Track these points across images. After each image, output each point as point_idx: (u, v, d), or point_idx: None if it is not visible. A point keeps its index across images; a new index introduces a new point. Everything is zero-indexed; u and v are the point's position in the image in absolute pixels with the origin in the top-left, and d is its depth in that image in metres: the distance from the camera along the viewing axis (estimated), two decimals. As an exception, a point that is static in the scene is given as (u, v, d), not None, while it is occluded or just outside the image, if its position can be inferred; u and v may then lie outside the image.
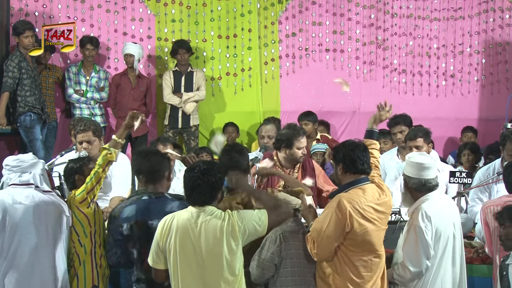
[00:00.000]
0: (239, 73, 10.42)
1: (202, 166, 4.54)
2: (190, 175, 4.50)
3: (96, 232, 5.36)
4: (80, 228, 5.29)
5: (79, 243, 5.28)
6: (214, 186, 4.50)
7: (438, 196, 5.26)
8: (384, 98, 9.85)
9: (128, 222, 4.87)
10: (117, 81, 9.79)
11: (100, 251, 5.38)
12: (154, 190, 4.99)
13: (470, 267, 5.61)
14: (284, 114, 10.28)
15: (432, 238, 5.04)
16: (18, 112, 8.74)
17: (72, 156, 6.36)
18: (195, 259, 4.39)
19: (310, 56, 10.44)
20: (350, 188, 4.92)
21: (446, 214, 5.17)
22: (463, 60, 10.37)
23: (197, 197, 4.48)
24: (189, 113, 9.74)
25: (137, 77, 9.83)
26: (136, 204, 4.95)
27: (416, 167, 5.24)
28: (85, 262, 5.30)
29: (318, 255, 4.87)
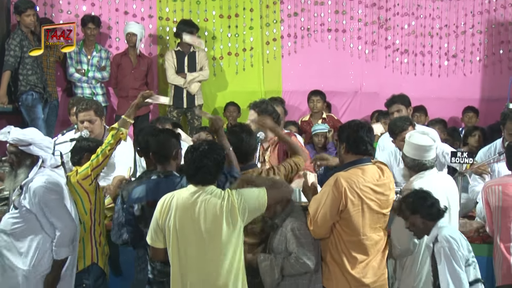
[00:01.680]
0: (240, 52, 10.39)
1: (206, 146, 4.53)
2: (195, 155, 4.48)
3: (96, 210, 5.38)
4: (80, 205, 5.31)
5: (78, 219, 5.29)
6: (219, 165, 4.50)
7: (434, 175, 5.28)
8: (386, 78, 10.06)
9: (139, 202, 4.86)
10: (118, 61, 9.79)
11: (100, 229, 5.42)
12: (163, 169, 4.97)
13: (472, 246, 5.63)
14: (285, 94, 10.25)
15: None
16: (20, 91, 8.74)
17: (73, 135, 6.38)
18: (194, 237, 4.39)
19: (312, 36, 10.40)
20: (350, 167, 4.94)
21: (440, 192, 5.14)
22: (465, 40, 10.31)
23: (202, 177, 4.47)
24: (194, 93, 9.73)
25: (138, 57, 9.81)
26: (145, 184, 4.94)
27: (413, 147, 5.26)
28: (84, 239, 5.33)
29: (315, 232, 4.90)
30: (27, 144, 5.09)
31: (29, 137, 5.12)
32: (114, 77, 9.82)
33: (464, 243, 4.80)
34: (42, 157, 5.15)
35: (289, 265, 4.82)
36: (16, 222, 5.10)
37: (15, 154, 5.13)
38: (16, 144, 5.10)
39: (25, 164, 5.12)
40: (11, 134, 5.09)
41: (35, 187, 5.03)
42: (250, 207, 4.46)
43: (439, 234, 4.77)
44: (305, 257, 4.82)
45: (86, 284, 5.33)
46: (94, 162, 5.33)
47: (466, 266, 4.76)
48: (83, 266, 5.33)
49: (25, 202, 5.06)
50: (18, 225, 5.09)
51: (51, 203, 5.03)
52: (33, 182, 5.07)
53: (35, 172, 5.12)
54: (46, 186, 5.04)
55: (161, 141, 4.99)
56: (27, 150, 5.09)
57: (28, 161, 5.13)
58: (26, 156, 5.12)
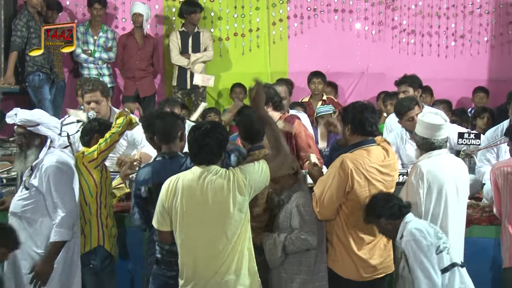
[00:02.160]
0: (246, 33, 10.37)
1: (208, 125, 4.53)
2: (197, 134, 4.47)
3: (102, 193, 5.39)
4: (86, 187, 5.31)
5: (84, 201, 5.32)
6: (221, 144, 4.49)
7: (442, 155, 5.25)
8: (393, 59, 10.03)
9: (145, 184, 4.87)
10: (124, 42, 9.80)
11: (106, 211, 5.42)
12: (168, 149, 4.98)
13: (477, 228, 5.66)
14: (292, 75, 10.22)
15: (423, 194, 5.08)
16: (27, 72, 8.76)
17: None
18: (202, 219, 4.38)
19: (319, 16, 10.36)
20: (355, 149, 4.94)
21: (447, 173, 5.15)
22: (473, 20, 10.23)
23: (204, 156, 4.46)
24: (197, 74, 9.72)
25: (144, 37, 9.81)
26: (151, 166, 4.96)
27: (424, 125, 5.26)
28: (90, 221, 5.35)
29: (321, 214, 4.91)
30: (35, 124, 5.11)
31: (37, 117, 5.15)
32: (120, 58, 9.83)
33: (431, 230, 4.78)
34: (50, 137, 5.17)
35: (291, 242, 4.85)
36: (26, 203, 5.13)
37: (24, 135, 5.15)
38: (24, 125, 5.11)
39: (34, 145, 5.14)
40: (18, 116, 5.11)
41: (46, 166, 5.06)
42: (256, 182, 4.44)
43: (405, 229, 4.79)
44: (306, 234, 4.83)
45: (93, 264, 5.35)
46: (102, 146, 5.34)
47: (437, 253, 4.76)
48: (90, 248, 5.34)
49: (35, 181, 5.09)
50: (28, 207, 5.12)
51: (60, 183, 5.06)
52: (44, 161, 5.09)
53: (45, 152, 5.14)
54: (57, 165, 5.07)
55: (166, 122, 5.00)
56: (35, 130, 5.11)
57: (37, 141, 5.15)
58: (34, 137, 5.14)
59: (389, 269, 5.09)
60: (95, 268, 5.36)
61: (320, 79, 9.43)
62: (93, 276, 5.37)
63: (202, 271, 4.40)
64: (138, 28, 9.77)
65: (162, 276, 4.76)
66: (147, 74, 9.85)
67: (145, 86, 9.83)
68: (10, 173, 6.38)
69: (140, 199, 4.92)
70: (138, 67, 9.72)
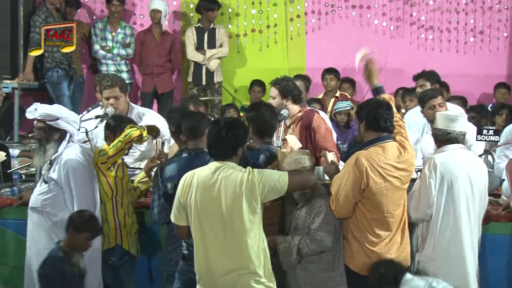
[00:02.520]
0: (264, 29, 10.36)
1: (227, 120, 4.55)
2: (214, 128, 4.50)
3: (118, 193, 5.40)
4: (101, 188, 5.34)
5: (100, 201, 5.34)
6: (236, 140, 4.48)
7: (458, 150, 5.25)
8: (411, 55, 9.98)
9: (172, 181, 4.87)
10: (142, 38, 9.81)
11: (124, 211, 5.43)
12: (194, 146, 4.98)
13: (495, 225, 5.62)
14: (309, 71, 10.20)
15: (435, 186, 5.08)
16: (46, 68, 8.82)
17: (98, 112, 6.40)
18: (216, 215, 4.39)
19: (336, 12, 10.33)
20: (370, 146, 4.94)
21: (461, 169, 5.14)
22: (492, 16, 10.17)
23: (218, 150, 4.48)
24: (212, 70, 9.74)
25: (162, 34, 9.84)
26: (177, 162, 4.97)
27: (442, 116, 5.30)
28: (108, 221, 5.37)
29: (337, 212, 4.92)
30: (55, 119, 5.15)
31: (56, 112, 5.19)
32: (138, 54, 9.85)
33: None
34: (69, 131, 5.21)
35: (305, 245, 4.86)
36: (45, 198, 5.17)
37: (43, 130, 5.19)
38: (44, 119, 5.15)
39: (54, 139, 5.18)
40: (38, 110, 5.15)
41: (65, 159, 5.11)
42: (270, 187, 4.41)
43: None
44: (324, 234, 4.85)
45: (112, 260, 5.38)
46: (110, 151, 5.34)
47: None
48: (108, 246, 5.37)
49: (54, 174, 5.12)
50: (48, 201, 5.15)
51: (78, 177, 5.10)
52: (63, 155, 5.13)
53: (64, 146, 5.18)
54: (76, 159, 5.12)
55: (194, 119, 5.03)
56: (55, 124, 5.15)
57: (56, 136, 5.19)
58: (54, 131, 5.18)
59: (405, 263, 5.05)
60: (114, 264, 5.39)
61: (332, 76, 9.41)
62: (112, 272, 5.40)
63: (215, 267, 4.41)
64: (156, 25, 9.80)
65: (189, 272, 4.74)
66: (165, 70, 9.86)
67: (163, 82, 9.85)
68: (29, 169, 6.43)
69: (167, 195, 4.91)
70: (156, 63, 9.74)
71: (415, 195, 5.16)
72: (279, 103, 6.18)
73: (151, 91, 9.73)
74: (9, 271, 5.83)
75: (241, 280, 4.38)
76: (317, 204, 4.92)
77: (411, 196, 5.17)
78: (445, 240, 5.14)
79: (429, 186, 5.10)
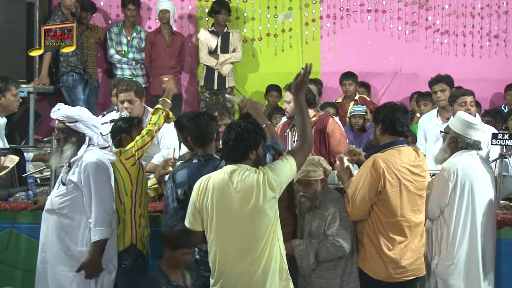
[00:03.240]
0: (279, 33, 10.37)
1: (240, 124, 4.54)
2: (227, 131, 4.51)
3: (137, 191, 5.41)
4: (122, 186, 5.34)
5: (119, 200, 5.33)
6: (245, 144, 4.46)
7: (474, 156, 5.28)
8: (426, 59, 9.95)
9: (182, 187, 4.89)
10: (152, 39, 9.76)
11: (140, 211, 5.44)
12: (204, 153, 4.98)
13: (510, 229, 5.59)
14: (324, 75, 10.21)
15: (453, 190, 5.10)
16: (61, 72, 8.86)
17: (113, 116, 6.43)
18: (233, 217, 4.40)
19: (352, 16, 10.32)
20: (387, 149, 4.96)
21: (478, 173, 5.20)
22: (507, 20, 10.12)
23: (229, 154, 4.50)
24: (225, 75, 9.73)
25: (172, 34, 9.82)
26: (187, 168, 4.97)
27: (459, 120, 5.31)
28: (124, 221, 5.37)
29: (354, 214, 4.93)
30: (74, 121, 5.15)
31: (76, 114, 5.18)
32: (148, 56, 9.78)
33: None
34: (88, 135, 5.20)
35: (325, 249, 4.85)
36: (64, 200, 5.14)
37: (62, 131, 5.20)
38: (63, 121, 5.16)
39: (71, 141, 5.18)
40: (61, 111, 5.16)
41: (86, 162, 5.08)
42: (285, 179, 4.49)
43: None
44: (342, 240, 4.84)
45: (125, 264, 5.38)
46: (139, 143, 5.38)
47: None
48: (123, 247, 5.36)
49: (73, 177, 5.12)
50: (66, 203, 5.13)
51: (99, 180, 5.08)
52: (84, 158, 5.12)
53: (84, 149, 5.18)
54: (96, 162, 5.09)
55: (200, 126, 4.99)
56: (74, 127, 5.15)
57: (74, 138, 5.18)
58: (72, 133, 5.18)
59: (420, 272, 5.07)
60: (127, 268, 5.39)
61: (351, 81, 9.36)
62: (124, 275, 5.39)
63: (232, 269, 4.42)
64: (165, 25, 9.76)
65: (201, 277, 4.80)
66: (175, 72, 9.77)
67: None
68: (44, 173, 6.45)
69: (177, 201, 4.93)
70: (167, 65, 9.67)
71: (427, 195, 5.17)
72: (293, 107, 6.17)
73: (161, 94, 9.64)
74: (21, 274, 5.86)
75: (258, 281, 4.39)
76: (331, 209, 4.91)
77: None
78: (464, 244, 5.15)
79: (445, 188, 5.13)
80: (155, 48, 9.74)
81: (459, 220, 5.14)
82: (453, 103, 6.65)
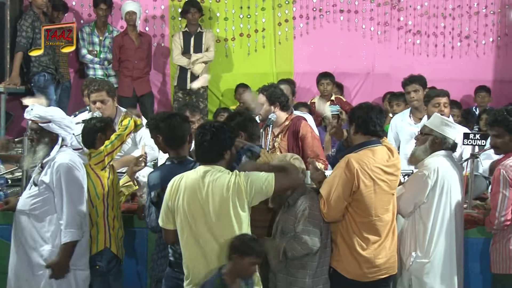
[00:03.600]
0: (252, 34, 10.37)
1: (213, 124, 4.53)
2: (200, 131, 4.48)
3: (109, 195, 5.38)
4: (93, 190, 5.31)
5: (90, 203, 5.31)
6: (221, 144, 4.47)
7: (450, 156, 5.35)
8: (399, 60, 10.01)
9: (155, 190, 4.84)
10: (120, 42, 9.67)
11: (113, 213, 5.42)
12: (176, 154, 4.94)
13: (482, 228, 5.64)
14: (297, 75, 10.24)
15: (430, 186, 5.14)
16: (32, 72, 8.77)
17: (85, 117, 6.39)
18: (203, 218, 4.38)
19: (324, 17, 10.36)
20: (361, 149, 4.96)
21: (455, 173, 5.27)
22: (478, 20, 10.23)
23: (204, 155, 4.48)
24: (197, 74, 9.65)
25: (139, 36, 9.76)
26: (159, 171, 4.94)
27: (437, 117, 5.42)
28: (97, 224, 5.34)
29: (329, 215, 4.91)
30: (47, 121, 5.11)
31: (49, 114, 5.14)
32: (116, 59, 9.69)
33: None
34: (61, 135, 5.16)
35: (291, 248, 4.83)
36: (35, 201, 5.11)
37: (35, 131, 5.16)
38: (36, 121, 5.12)
39: (44, 142, 5.14)
40: (34, 111, 5.12)
41: (59, 163, 5.04)
42: (257, 190, 4.40)
43: None
44: (307, 237, 4.81)
45: (99, 265, 5.35)
46: (108, 148, 5.34)
47: None
48: (96, 250, 5.34)
49: (45, 178, 5.08)
50: (37, 204, 5.10)
51: (71, 182, 5.04)
52: (56, 159, 5.09)
53: (57, 150, 5.14)
54: (69, 164, 5.05)
55: (172, 128, 4.94)
56: (46, 127, 5.12)
57: (47, 139, 5.15)
58: (45, 134, 5.15)
59: (393, 270, 5.09)
60: (102, 269, 5.36)
61: (328, 80, 9.35)
62: (99, 277, 5.37)
63: (202, 271, 4.41)
64: (132, 27, 9.69)
65: (175, 278, 4.74)
66: (144, 73, 9.77)
67: (142, 85, 9.74)
68: (15, 173, 6.39)
69: (152, 203, 4.89)
70: (137, 67, 9.64)
71: (404, 191, 5.23)
72: (266, 110, 6.27)
73: (131, 95, 9.63)
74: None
75: None
76: (301, 207, 4.90)
77: (400, 191, 5.24)
78: (440, 243, 5.20)
79: (424, 186, 5.16)
80: (123, 51, 9.65)
81: (436, 218, 5.18)
82: (428, 103, 6.72)
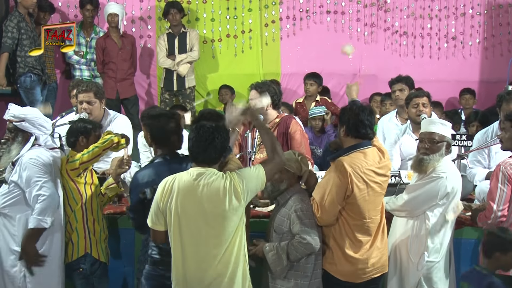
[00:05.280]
0: (239, 35, 10.36)
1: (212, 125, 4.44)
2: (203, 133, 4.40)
3: (87, 199, 5.36)
4: (70, 194, 5.31)
5: (70, 209, 5.31)
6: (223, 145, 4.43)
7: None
8: (385, 61, 10.04)
9: (150, 186, 4.76)
10: (102, 45, 9.58)
11: (93, 217, 5.39)
12: (167, 151, 4.92)
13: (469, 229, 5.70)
14: (284, 76, 10.25)
15: (447, 190, 5.17)
16: (18, 73, 8.72)
17: (72, 118, 6.36)
18: (197, 221, 4.35)
19: (311, 18, 10.37)
20: (352, 151, 4.90)
21: (459, 175, 5.36)
22: (465, 22, 10.28)
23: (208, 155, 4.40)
24: (183, 75, 9.67)
25: (122, 37, 9.69)
26: (153, 167, 4.88)
27: (431, 122, 5.46)
28: (77, 229, 5.34)
29: (323, 220, 4.90)
30: (20, 120, 5.14)
31: (23, 113, 5.18)
32: (100, 62, 9.61)
33: None
34: (34, 134, 5.18)
35: (293, 249, 4.82)
36: (5, 200, 5.17)
37: (10, 130, 5.22)
38: (11, 120, 5.17)
39: (17, 140, 5.20)
40: (10, 111, 5.17)
41: (25, 160, 5.10)
42: (252, 187, 4.43)
43: None
44: (308, 237, 4.80)
45: (83, 268, 5.34)
46: (84, 157, 5.30)
47: None
48: (77, 256, 5.33)
49: (14, 176, 5.12)
50: (7, 203, 5.17)
51: (38, 173, 5.08)
52: (23, 156, 5.13)
53: (28, 148, 5.17)
54: (35, 158, 5.11)
55: (160, 124, 4.93)
56: (20, 126, 5.17)
57: (20, 138, 5.20)
58: (18, 132, 5.20)
59: (385, 268, 5.11)
60: (85, 272, 5.35)
61: (312, 81, 9.32)
62: (83, 279, 5.37)
63: (194, 273, 4.38)
64: (114, 29, 9.62)
65: (160, 277, 4.70)
66: (128, 74, 9.71)
67: (126, 87, 9.68)
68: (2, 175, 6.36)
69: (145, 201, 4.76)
70: (121, 68, 9.58)
71: (416, 187, 5.25)
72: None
73: (114, 97, 9.53)
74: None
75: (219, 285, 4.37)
76: (294, 207, 4.88)
77: (411, 186, 5.30)
78: (445, 241, 5.28)
79: (440, 190, 5.18)
80: (107, 53, 9.56)
81: (444, 218, 5.22)
82: (408, 104, 6.74)
